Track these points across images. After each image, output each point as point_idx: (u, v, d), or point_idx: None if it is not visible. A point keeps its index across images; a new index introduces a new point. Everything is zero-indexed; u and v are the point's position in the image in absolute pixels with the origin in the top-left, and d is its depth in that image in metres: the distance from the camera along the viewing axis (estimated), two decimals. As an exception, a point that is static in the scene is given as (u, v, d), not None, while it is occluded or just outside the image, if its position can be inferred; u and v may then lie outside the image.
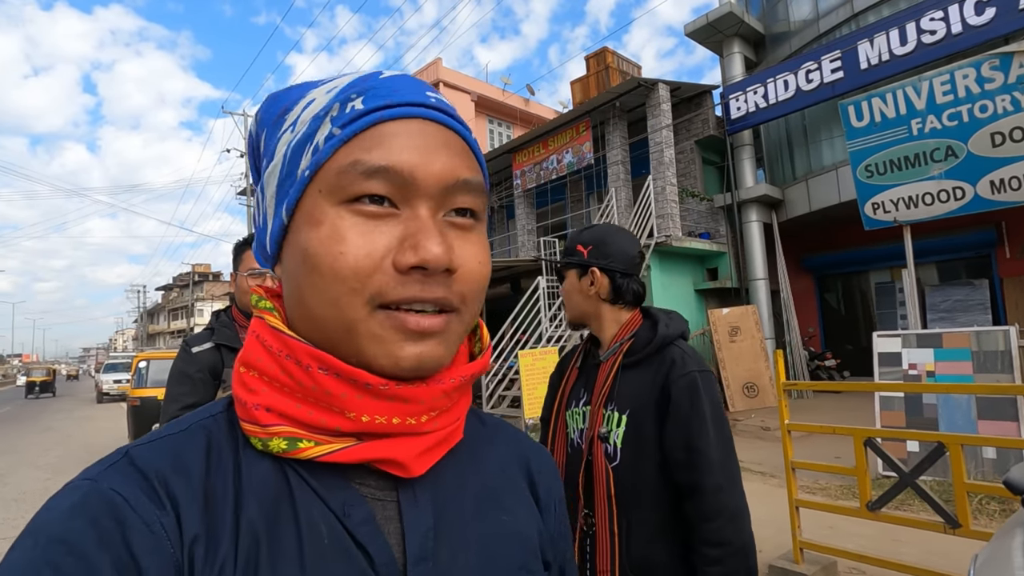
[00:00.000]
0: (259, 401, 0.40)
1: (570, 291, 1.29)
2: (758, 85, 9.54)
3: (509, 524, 0.47)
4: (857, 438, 2.60)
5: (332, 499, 0.39)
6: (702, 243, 10.09)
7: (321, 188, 0.40)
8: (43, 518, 0.34)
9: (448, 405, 0.43)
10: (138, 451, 0.38)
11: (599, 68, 13.12)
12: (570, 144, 11.07)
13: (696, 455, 1.07)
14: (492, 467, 0.50)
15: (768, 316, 9.83)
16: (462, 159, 0.42)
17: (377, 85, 0.41)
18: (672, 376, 1.13)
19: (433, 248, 0.38)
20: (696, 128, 10.60)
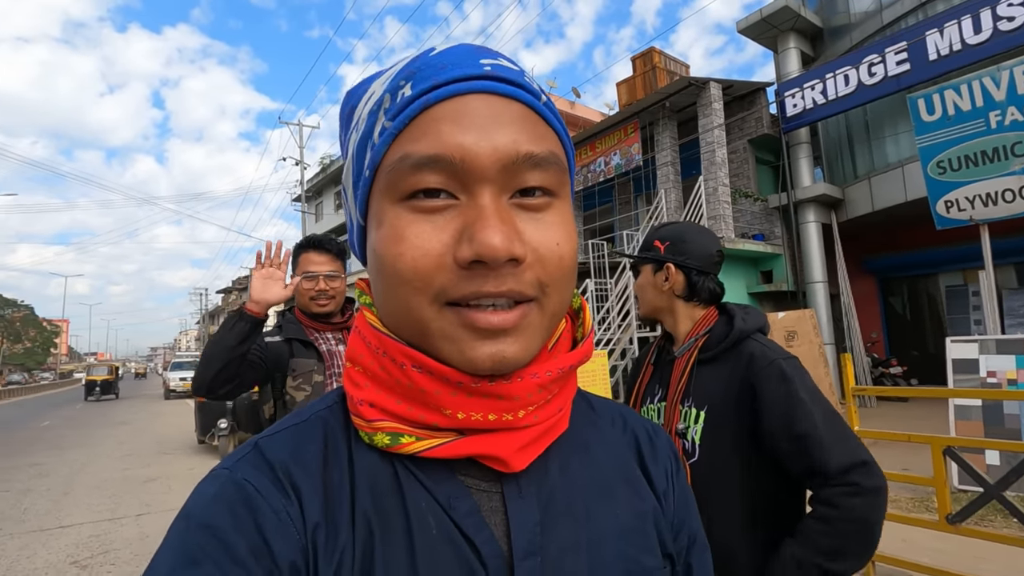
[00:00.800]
0: (363, 396, 0.41)
1: (644, 286, 1.29)
2: (816, 81, 9.19)
3: (622, 516, 0.44)
4: (935, 447, 2.47)
5: (438, 491, 0.39)
6: (756, 245, 9.78)
7: (381, 187, 0.38)
8: (192, 503, 0.37)
9: (548, 397, 0.41)
10: (265, 443, 0.40)
11: (646, 69, 12.95)
12: (618, 146, 10.97)
13: (805, 441, 1.02)
14: (601, 454, 0.47)
15: (827, 320, 9.42)
16: (526, 130, 0.38)
17: (424, 65, 0.38)
18: (754, 369, 1.10)
19: (489, 239, 0.34)
20: (749, 127, 10.30)
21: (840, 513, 0.98)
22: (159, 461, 7.83)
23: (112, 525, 4.87)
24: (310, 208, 24.27)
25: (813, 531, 1.00)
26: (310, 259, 1.77)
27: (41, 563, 4.04)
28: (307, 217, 22.69)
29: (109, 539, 4.49)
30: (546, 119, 0.40)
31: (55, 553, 4.23)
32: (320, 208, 24.90)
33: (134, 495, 5.93)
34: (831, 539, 0.98)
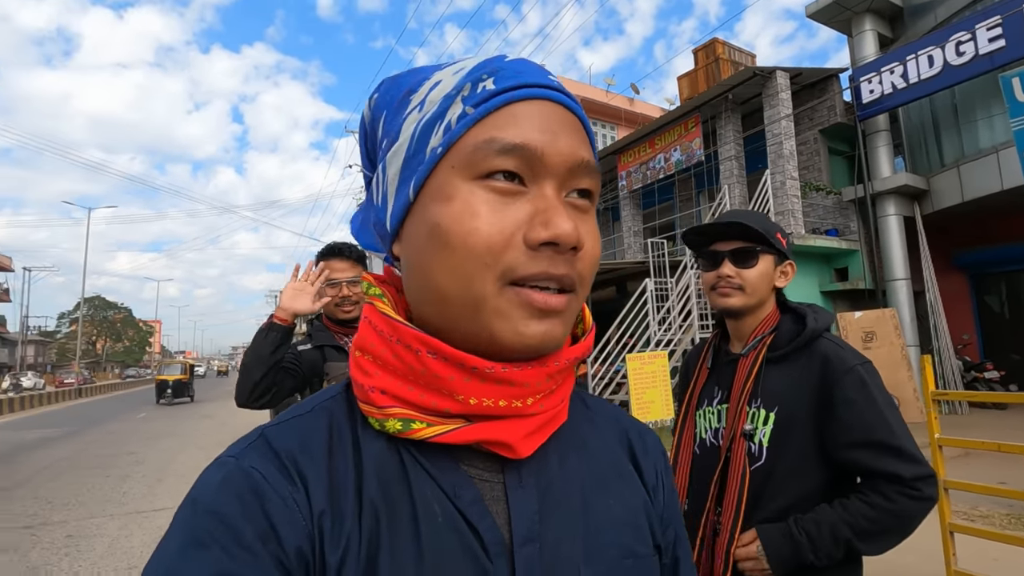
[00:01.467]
0: (374, 384, 0.42)
1: (765, 276, 1.17)
2: (896, 64, 8.57)
3: (615, 507, 0.47)
4: (1029, 458, 2.26)
5: (443, 479, 0.41)
6: (829, 241, 9.25)
7: (454, 164, 0.40)
8: (199, 490, 0.39)
9: (553, 387, 0.43)
10: (271, 431, 0.42)
11: (708, 61, 12.54)
12: (678, 141, 10.69)
13: (882, 449, 1.04)
14: (596, 449, 0.50)
15: (911, 320, 8.77)
16: (582, 141, 0.43)
17: (505, 67, 0.42)
18: (833, 374, 1.08)
19: (564, 224, 0.38)
20: (820, 116, 9.76)
21: (893, 508, 1.02)
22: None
23: (197, 510, 5.27)
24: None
25: (858, 512, 1.03)
26: (332, 267, 1.83)
27: (137, 542, 4.44)
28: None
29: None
30: (588, 134, 0.45)
31: (149, 534, 4.63)
32: (384, 212, 25.78)
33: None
34: (870, 524, 1.02)
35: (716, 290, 1.19)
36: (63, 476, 7.15)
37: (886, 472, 1.03)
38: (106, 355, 52.98)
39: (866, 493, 1.04)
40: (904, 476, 1.02)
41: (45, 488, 6.47)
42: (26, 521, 5.09)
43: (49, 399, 22.03)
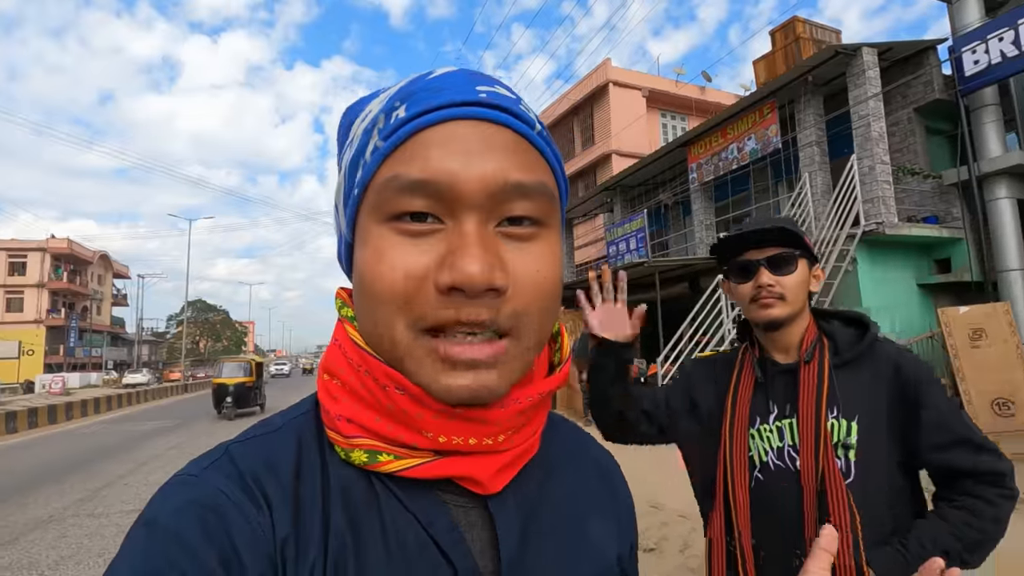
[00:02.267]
0: (341, 411, 0.40)
1: (803, 282, 1.10)
2: (1006, 29, 7.66)
3: (589, 533, 0.46)
4: None
5: (416, 507, 0.39)
6: (927, 229, 8.44)
7: (368, 206, 0.38)
8: (156, 509, 0.36)
9: (524, 422, 0.41)
10: (237, 449, 0.40)
11: (787, 41, 11.79)
12: (752, 129, 10.14)
13: (980, 448, 1.01)
14: (568, 474, 0.49)
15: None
16: (516, 159, 0.37)
17: (421, 88, 0.38)
18: (910, 375, 1.03)
19: (468, 267, 0.34)
20: (915, 94, 8.91)
21: (996, 513, 0.97)
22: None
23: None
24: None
25: (962, 522, 0.97)
26: None
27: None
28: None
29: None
30: (539, 149, 0.40)
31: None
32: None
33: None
34: (975, 533, 0.96)
35: (757, 302, 1.09)
36: (173, 463, 7.88)
37: (989, 471, 0.99)
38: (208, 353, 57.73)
39: (962, 500, 0.99)
40: (1005, 472, 0.99)
41: (157, 474, 7.17)
42: (139, 505, 5.64)
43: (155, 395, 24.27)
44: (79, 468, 7.83)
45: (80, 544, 4.52)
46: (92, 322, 41.45)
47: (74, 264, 40.27)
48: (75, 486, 6.67)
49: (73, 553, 4.32)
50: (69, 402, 15.97)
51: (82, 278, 40.77)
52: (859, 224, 8.15)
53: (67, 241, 38.11)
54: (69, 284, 38.09)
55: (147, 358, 51.53)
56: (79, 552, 4.34)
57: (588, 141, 20.03)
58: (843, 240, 8.10)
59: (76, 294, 39.86)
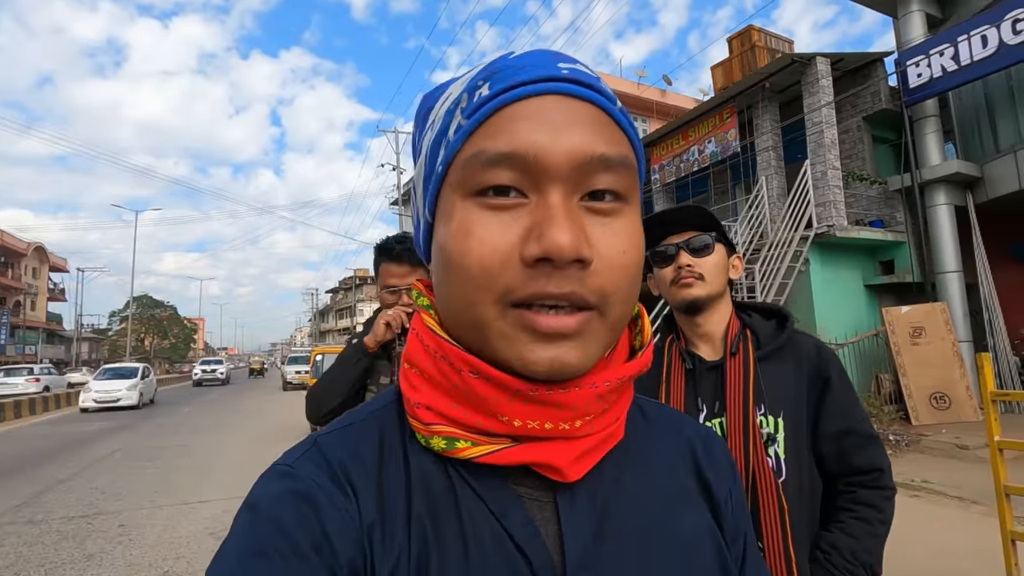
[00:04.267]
0: (420, 399, 0.41)
1: (721, 266, 1.12)
2: (946, 45, 8.15)
3: (677, 528, 0.44)
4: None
5: (491, 499, 0.39)
6: (873, 232, 8.89)
7: (452, 182, 0.38)
8: (257, 496, 0.38)
9: (605, 407, 0.41)
10: (325, 440, 0.41)
11: (744, 49, 12.19)
12: (712, 133, 10.43)
13: (866, 438, 1.05)
14: (656, 466, 0.46)
15: (963, 315, 8.36)
16: (601, 133, 0.38)
17: (504, 67, 0.39)
18: (821, 362, 1.07)
19: (557, 237, 0.34)
20: (864, 103, 9.36)
21: (882, 516, 1.00)
22: (281, 445, 8.59)
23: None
24: (406, 211, 25.47)
25: (862, 532, 0.99)
26: (390, 271, 1.74)
27: (184, 532, 4.61)
28: (404, 220, 23.86)
29: (238, 515, 5.02)
30: (620, 125, 0.40)
31: (195, 524, 4.81)
32: (415, 210, 26.00)
33: (258, 476, 6.59)
34: (874, 541, 0.99)
35: (677, 283, 1.11)
36: (117, 467, 7.49)
37: (873, 467, 1.02)
38: (154, 351, 55.22)
39: (856, 509, 1.01)
40: (884, 469, 1.03)
41: (100, 479, 6.80)
42: (82, 510, 5.35)
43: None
44: (16, 472, 7.34)
45: (19, 553, 4.24)
46: (25, 318, 38.94)
47: (5, 256, 37.72)
48: (12, 491, 6.25)
49: (11, 563, 4.04)
50: (1, 403, 14.96)
51: (14, 271, 38.20)
52: (812, 226, 8.51)
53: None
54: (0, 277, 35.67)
55: (87, 356, 48.80)
56: (17, 562, 4.06)
57: (552, 140, 20.10)
58: (797, 241, 8.44)
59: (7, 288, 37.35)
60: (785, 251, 8.40)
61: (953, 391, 7.45)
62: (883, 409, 7.47)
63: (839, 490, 1.05)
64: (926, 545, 3.55)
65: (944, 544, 3.54)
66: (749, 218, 9.44)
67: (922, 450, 6.32)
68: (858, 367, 8.41)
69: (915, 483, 4.98)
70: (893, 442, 6.53)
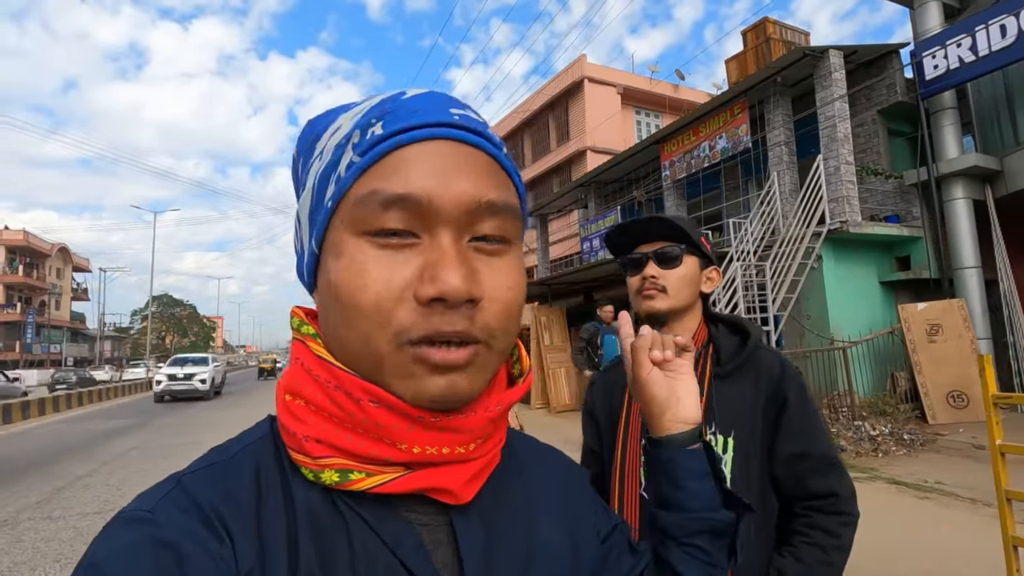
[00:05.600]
0: (308, 432, 0.39)
1: (688, 278, 1.10)
2: (963, 36, 7.95)
3: (548, 540, 0.47)
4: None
5: (382, 529, 0.39)
6: (889, 228, 8.72)
7: (343, 219, 0.39)
8: (102, 553, 0.33)
9: (491, 431, 0.43)
10: (190, 480, 0.39)
11: (758, 42, 12.01)
12: (723, 128, 10.31)
13: (822, 463, 1.02)
14: (530, 486, 0.50)
15: (982, 312, 8.17)
16: (488, 180, 0.40)
17: (397, 107, 0.40)
18: (782, 382, 1.03)
19: (450, 279, 0.36)
20: (879, 96, 9.18)
21: (837, 543, 0.98)
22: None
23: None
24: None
25: (813, 559, 0.97)
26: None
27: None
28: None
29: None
30: (506, 170, 0.42)
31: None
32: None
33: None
34: (827, 569, 0.97)
35: (641, 293, 1.10)
36: (134, 465, 7.66)
37: (829, 492, 0.99)
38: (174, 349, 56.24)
39: (811, 534, 0.99)
40: (842, 495, 1.00)
41: (117, 475, 6.96)
42: (99, 507, 5.49)
43: (120, 392, 23.58)
44: (35, 469, 7.54)
45: (36, 549, 4.36)
46: (50, 317, 39.93)
47: (30, 257, 38.69)
48: (31, 488, 6.42)
49: (29, 559, 4.17)
50: (26, 401, 15.36)
51: (39, 271, 39.20)
52: (825, 222, 8.37)
53: (23, 233, 36.58)
54: (25, 278, 36.59)
55: (110, 354, 49.88)
56: (35, 557, 4.18)
57: (563, 137, 20.07)
58: (809, 238, 8.31)
59: (33, 288, 38.32)
60: (797, 248, 8.27)
61: (971, 390, 7.29)
62: (898, 408, 7.34)
63: (795, 514, 1.02)
64: (933, 549, 3.49)
65: (951, 547, 3.47)
66: (761, 214, 9.31)
67: (938, 450, 6.20)
68: (873, 365, 8.26)
69: (928, 484, 4.89)
70: (908, 441, 6.41)
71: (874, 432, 6.57)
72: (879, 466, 5.66)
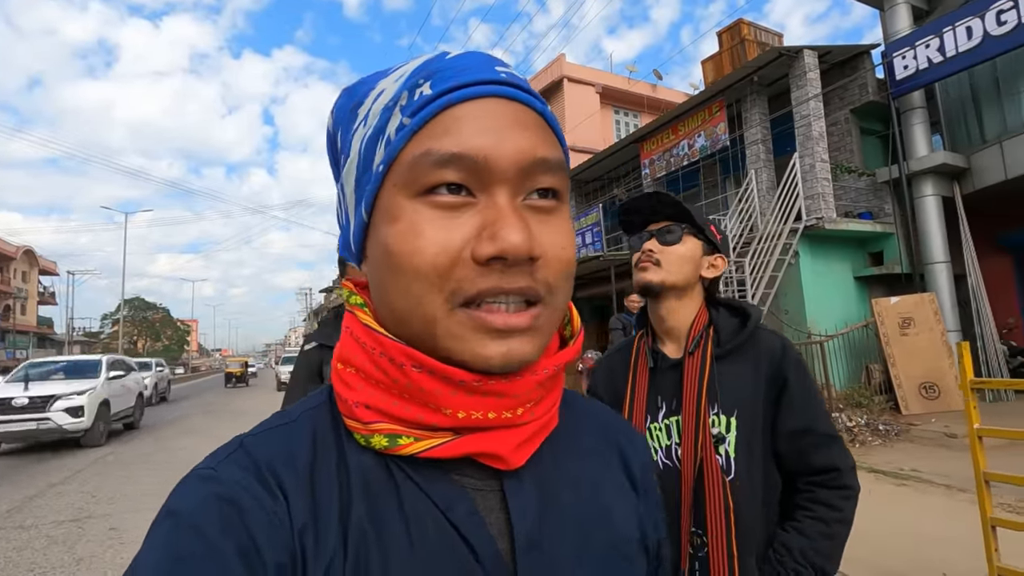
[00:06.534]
0: (358, 398, 0.41)
1: (686, 258, 1.11)
2: (931, 37, 8.19)
3: (607, 509, 0.46)
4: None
5: (434, 492, 0.40)
6: (862, 224, 8.94)
7: (396, 182, 0.38)
8: (176, 502, 0.37)
9: (543, 395, 0.42)
10: (251, 441, 0.40)
11: (733, 43, 12.20)
12: (702, 127, 10.45)
13: (824, 438, 1.04)
14: (587, 451, 0.49)
15: (951, 305, 8.42)
16: (539, 136, 0.39)
17: (444, 67, 0.39)
18: (783, 362, 1.05)
19: (512, 236, 0.36)
20: (852, 95, 9.40)
21: (839, 516, 1.00)
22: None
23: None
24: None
25: (819, 533, 0.99)
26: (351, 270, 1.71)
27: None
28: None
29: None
30: (553, 127, 0.42)
31: (187, 527, 4.79)
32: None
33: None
34: (830, 542, 0.99)
35: (637, 266, 1.13)
36: (109, 471, 7.45)
37: (831, 466, 1.02)
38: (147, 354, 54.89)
39: (813, 508, 1.01)
40: (844, 469, 1.02)
41: (92, 483, 6.76)
42: (73, 514, 5.32)
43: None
44: (7, 476, 7.29)
45: (7, 558, 4.22)
46: (15, 322, 38.61)
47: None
48: (3, 496, 6.21)
49: (0, 568, 4.03)
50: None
51: (3, 275, 37.90)
52: (801, 219, 8.54)
53: (-15, 235, 35.30)
54: (-12, 281, 35.34)
55: (79, 360, 48.33)
56: (7, 567, 4.04)
57: (543, 136, 20.07)
58: (786, 234, 8.47)
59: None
60: (775, 244, 8.43)
61: (942, 380, 7.51)
62: (873, 399, 7.53)
63: (798, 489, 1.05)
64: (912, 534, 3.59)
65: (930, 532, 3.58)
66: (739, 211, 9.47)
67: (912, 439, 6.38)
68: (848, 358, 8.47)
69: (904, 472, 5.03)
70: (883, 432, 6.59)
71: (851, 423, 6.74)
72: (857, 456, 5.78)
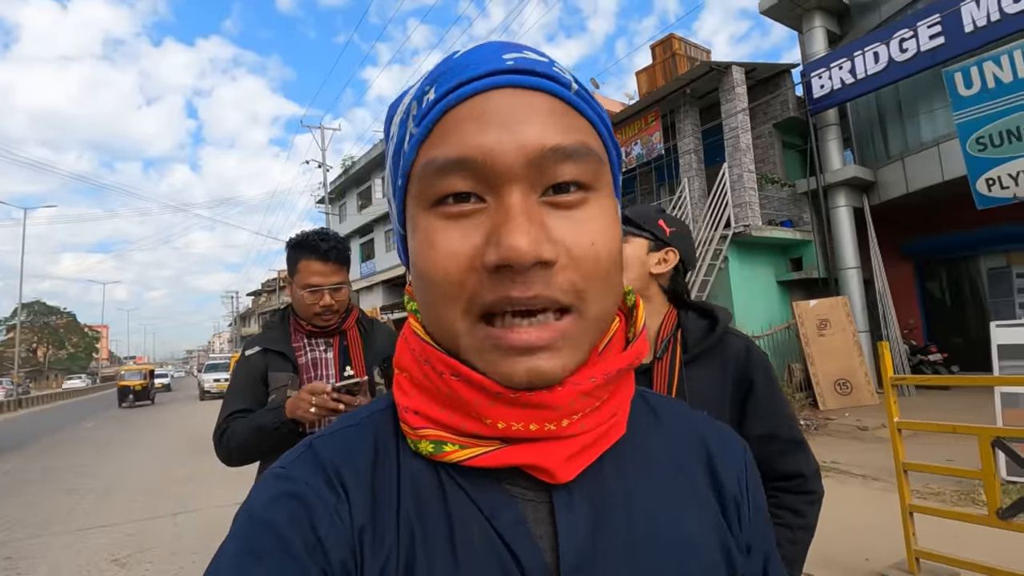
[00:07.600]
0: (408, 404, 0.41)
1: (632, 260, 1.10)
2: (844, 60, 8.87)
3: (679, 530, 0.41)
4: (983, 438, 2.34)
5: (482, 500, 0.39)
6: (784, 232, 9.53)
7: (413, 194, 0.38)
8: (253, 500, 0.39)
9: (595, 404, 0.39)
10: (319, 443, 0.42)
11: (665, 56, 12.70)
12: (638, 136, 10.80)
13: (790, 443, 1.05)
14: (662, 464, 0.44)
15: (862, 308, 9.13)
16: (552, 123, 0.36)
17: (450, 67, 0.37)
18: (748, 365, 1.05)
19: (513, 240, 0.33)
20: (774, 111, 10.02)
21: (803, 522, 1.01)
22: (194, 461, 8.02)
23: (150, 524, 5.00)
24: (333, 209, 24.57)
25: (781, 538, 0.99)
26: (311, 269, 1.54)
27: (84, 560, 4.17)
28: (331, 218, 23.01)
29: (147, 537, 4.60)
30: (579, 109, 0.38)
31: (97, 551, 4.36)
32: (343, 209, 25.15)
33: (170, 494, 6.09)
34: (794, 547, 1.00)
35: None
36: (5, 492, 6.69)
37: (796, 472, 1.03)
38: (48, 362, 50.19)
39: (777, 514, 1.01)
40: (808, 475, 1.03)
41: (-19, 507, 6.04)
42: (-41, 544, 4.73)
43: None
44: None
45: None
46: None
47: None
48: None
49: None
50: None
51: None
52: (730, 226, 8.99)
53: None
54: None
55: (-34, 370, 43.55)
56: None
57: (483, 139, 20.08)
58: (717, 240, 8.89)
59: None
60: (707, 249, 8.82)
61: (854, 377, 8.12)
62: (794, 396, 8.02)
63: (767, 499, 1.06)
64: (834, 521, 3.82)
65: (850, 520, 3.82)
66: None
67: (829, 433, 6.83)
68: (773, 358, 8.95)
69: (825, 464, 5.37)
70: (804, 427, 7.02)
71: (776, 419, 7.14)
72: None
